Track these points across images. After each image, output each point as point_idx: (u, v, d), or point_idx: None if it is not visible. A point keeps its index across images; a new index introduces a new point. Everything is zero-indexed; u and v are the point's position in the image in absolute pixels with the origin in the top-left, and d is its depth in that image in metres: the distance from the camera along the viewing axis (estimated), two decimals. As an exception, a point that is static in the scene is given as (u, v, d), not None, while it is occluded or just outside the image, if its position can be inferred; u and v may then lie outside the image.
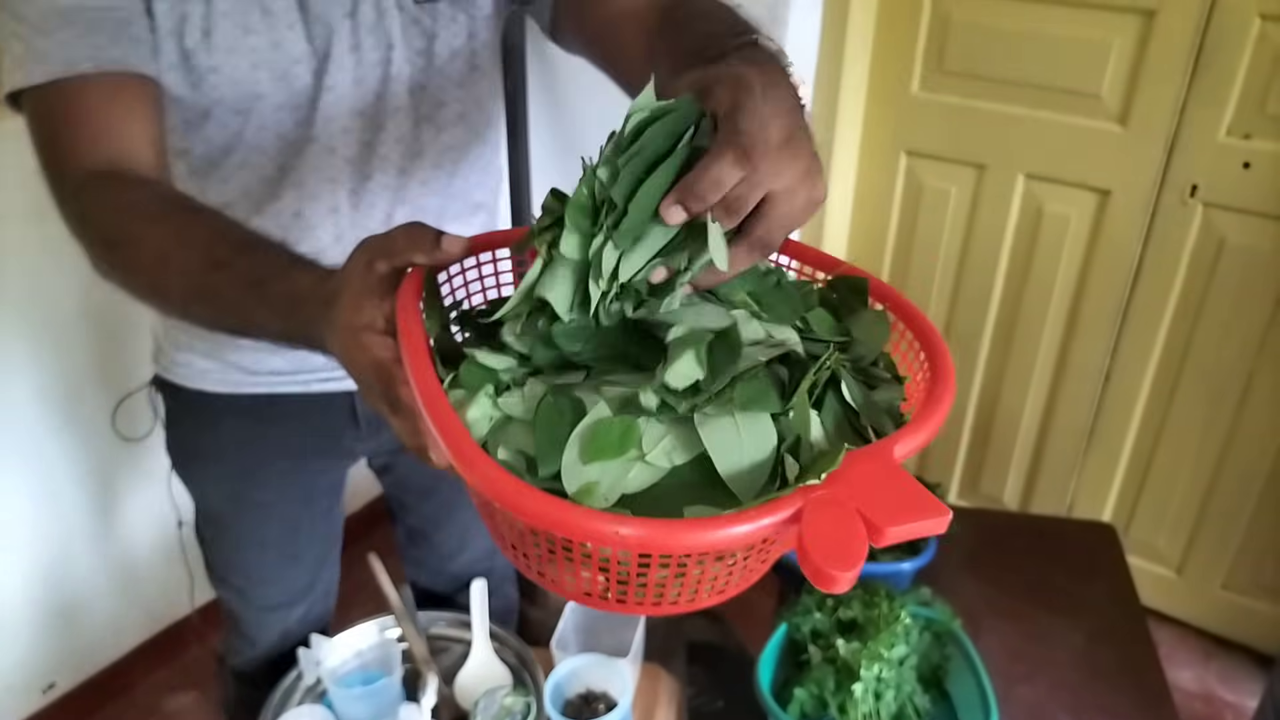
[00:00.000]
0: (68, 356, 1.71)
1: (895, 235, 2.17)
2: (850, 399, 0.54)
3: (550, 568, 0.51)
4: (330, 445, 1.17)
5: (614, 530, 0.44)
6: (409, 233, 0.60)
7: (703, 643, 1.83)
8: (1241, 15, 1.64)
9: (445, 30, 0.94)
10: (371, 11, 0.90)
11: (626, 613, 0.52)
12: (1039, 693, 1.24)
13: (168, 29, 0.83)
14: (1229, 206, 1.77)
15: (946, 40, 1.93)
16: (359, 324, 0.58)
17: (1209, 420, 1.93)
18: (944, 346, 0.58)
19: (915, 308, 0.62)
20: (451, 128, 1.00)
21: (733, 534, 0.44)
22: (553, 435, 0.51)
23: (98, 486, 1.84)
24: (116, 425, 1.76)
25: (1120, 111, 1.81)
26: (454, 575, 1.36)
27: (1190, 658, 2.06)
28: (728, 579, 0.50)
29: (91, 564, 1.86)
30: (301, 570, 1.24)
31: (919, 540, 1.31)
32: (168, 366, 1.11)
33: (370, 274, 0.59)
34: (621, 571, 0.48)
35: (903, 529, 0.43)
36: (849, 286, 0.66)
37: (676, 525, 0.45)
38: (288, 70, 0.88)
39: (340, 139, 0.94)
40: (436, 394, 0.50)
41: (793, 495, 0.45)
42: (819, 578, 0.42)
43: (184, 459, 1.18)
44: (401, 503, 1.35)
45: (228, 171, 0.93)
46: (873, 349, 0.61)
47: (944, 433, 2.38)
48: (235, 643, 1.28)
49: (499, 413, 0.53)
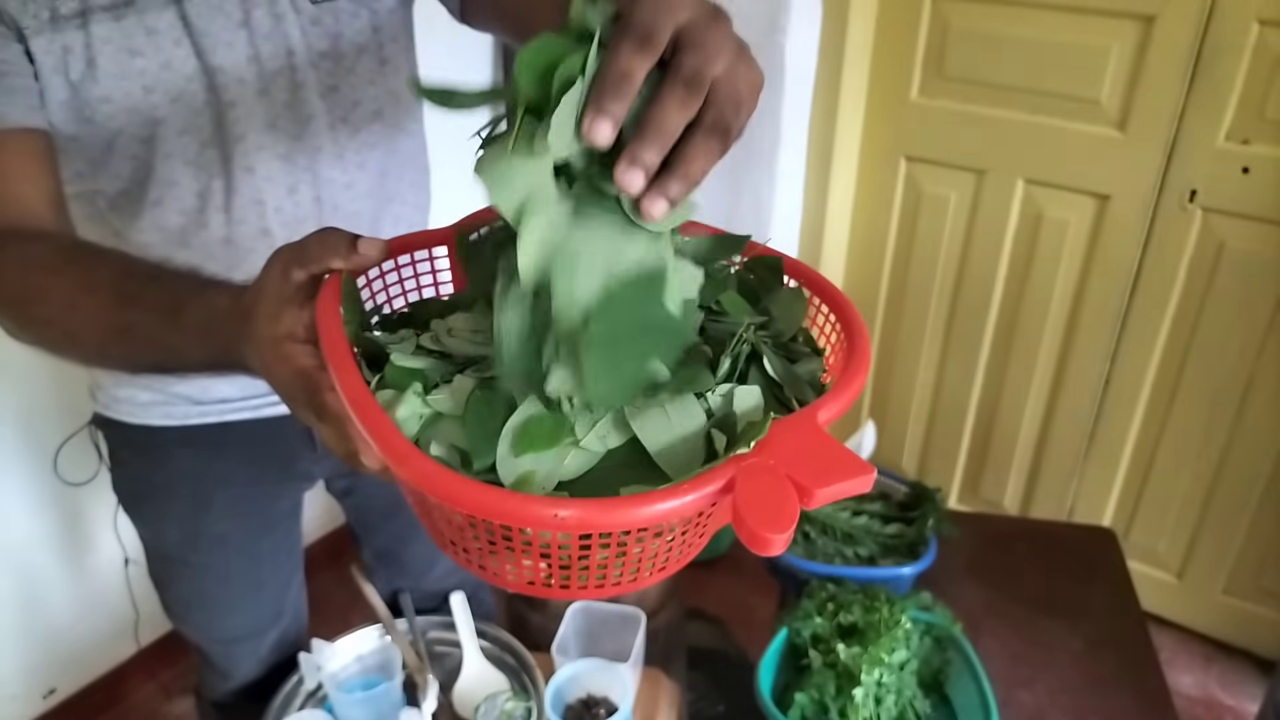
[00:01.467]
0: (3, 399, 1.65)
1: (895, 241, 2.18)
2: (772, 372, 0.55)
3: (492, 560, 0.51)
4: (286, 470, 1.14)
5: (553, 513, 0.44)
6: (323, 238, 0.58)
7: (703, 648, 1.83)
8: (1240, 21, 1.64)
9: (349, 28, 0.90)
10: (266, 18, 0.86)
11: (569, 598, 0.52)
12: (1039, 697, 1.24)
13: (51, 65, 0.80)
14: (1228, 211, 1.77)
15: (946, 46, 1.94)
16: (279, 334, 0.57)
17: (1209, 424, 1.93)
18: (858, 316, 0.60)
19: (828, 281, 0.64)
20: (369, 125, 0.96)
21: (670, 507, 0.45)
22: (485, 428, 0.51)
23: (44, 533, 1.78)
24: (59, 470, 1.70)
25: (1119, 117, 1.81)
26: (429, 592, 1.32)
27: (1191, 663, 2.06)
28: (668, 555, 0.51)
29: (61, 592, 1.83)
30: (266, 598, 1.21)
31: (919, 545, 1.31)
32: (107, 403, 1.06)
33: (287, 283, 0.58)
34: (563, 556, 0.48)
35: (831, 490, 0.45)
36: (765, 266, 0.67)
37: (615, 503, 0.45)
38: (183, 90, 0.85)
39: (256, 156, 0.90)
40: (364, 395, 0.50)
41: (724, 465, 0.46)
42: (754, 541, 0.43)
43: (133, 499, 1.14)
44: (366, 524, 1.31)
45: (145, 207, 0.90)
46: (791, 325, 0.62)
47: (944, 436, 2.38)
48: (208, 677, 1.25)
49: (429, 410, 0.53)
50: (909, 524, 1.36)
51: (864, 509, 1.39)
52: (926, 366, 2.24)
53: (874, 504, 1.40)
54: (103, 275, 0.72)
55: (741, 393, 0.53)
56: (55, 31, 0.79)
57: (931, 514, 1.33)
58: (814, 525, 1.35)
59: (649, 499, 0.45)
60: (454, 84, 0.53)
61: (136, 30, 0.82)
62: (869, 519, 1.37)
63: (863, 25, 1.98)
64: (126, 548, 1.77)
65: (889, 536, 1.35)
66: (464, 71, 2.17)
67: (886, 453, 2.36)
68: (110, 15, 0.81)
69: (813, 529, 1.35)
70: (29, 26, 0.79)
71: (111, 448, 1.12)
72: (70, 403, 1.66)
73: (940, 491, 1.37)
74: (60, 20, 0.79)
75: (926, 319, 2.19)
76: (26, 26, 0.79)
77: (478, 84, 0.51)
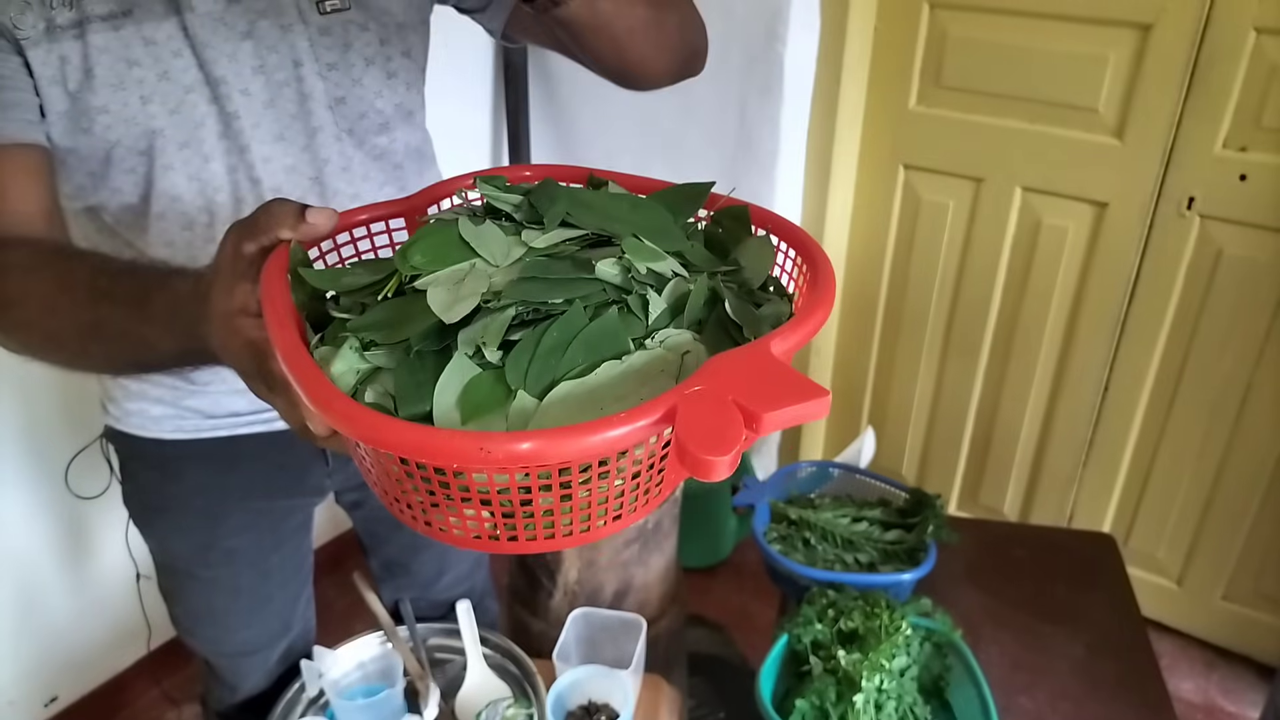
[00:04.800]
0: (13, 413, 1.65)
1: (894, 248, 2.19)
2: (732, 314, 0.56)
3: (436, 515, 0.50)
4: (298, 484, 1.13)
5: (479, 446, 0.43)
6: (269, 208, 0.59)
7: (704, 654, 1.83)
8: (1236, 29, 1.65)
9: (357, 39, 0.90)
10: (273, 29, 0.86)
11: (520, 552, 0.51)
12: (1040, 704, 1.24)
13: (49, 76, 0.80)
14: (1226, 218, 1.78)
15: (943, 56, 1.95)
16: (232, 309, 0.57)
17: (1208, 430, 1.94)
18: (823, 254, 0.60)
19: (793, 225, 0.65)
20: (376, 137, 0.96)
21: (606, 437, 0.44)
22: (415, 377, 0.51)
23: (61, 546, 1.79)
24: (70, 483, 1.71)
25: (1117, 125, 1.82)
26: (435, 601, 1.32)
27: (1191, 669, 2.06)
28: (620, 501, 0.49)
29: (67, 602, 1.84)
30: (275, 612, 1.20)
31: (919, 551, 1.31)
32: (119, 416, 1.06)
33: (239, 258, 0.58)
34: (504, 503, 0.47)
35: (781, 414, 0.44)
36: (731, 216, 0.68)
37: (547, 434, 0.44)
38: (182, 101, 0.85)
39: (263, 168, 0.90)
40: (297, 350, 0.50)
41: (666, 395, 0.45)
42: (697, 467, 0.43)
43: (144, 512, 1.13)
44: (375, 535, 1.30)
45: (149, 221, 0.89)
46: (759, 273, 0.63)
47: (943, 443, 2.39)
48: (215, 689, 1.24)
49: (366, 365, 0.53)
50: (909, 530, 1.36)
51: (864, 515, 1.39)
52: (926, 373, 2.25)
53: (874, 510, 1.40)
54: (77, 274, 0.72)
55: (674, 336, 0.54)
56: (52, 42, 0.80)
57: (931, 520, 1.34)
58: (814, 531, 1.36)
59: (584, 429, 0.44)
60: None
61: (134, 40, 0.82)
62: (869, 525, 1.38)
63: (861, 35, 1.99)
64: (138, 562, 1.77)
65: (889, 543, 1.35)
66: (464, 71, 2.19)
67: (886, 459, 2.36)
68: (108, 25, 0.81)
69: (813, 535, 1.36)
70: (27, 38, 0.79)
71: (122, 461, 1.12)
72: (82, 416, 1.66)
73: (940, 498, 1.38)
74: (57, 30, 0.79)
75: (925, 326, 2.19)
76: (25, 38, 0.79)
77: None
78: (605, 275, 0.57)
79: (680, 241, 0.62)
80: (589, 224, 0.62)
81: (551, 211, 0.63)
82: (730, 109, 2.02)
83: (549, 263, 0.58)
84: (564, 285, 0.55)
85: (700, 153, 2.10)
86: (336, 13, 0.89)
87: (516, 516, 0.48)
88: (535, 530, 0.49)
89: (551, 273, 0.56)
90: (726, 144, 2.06)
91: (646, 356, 0.52)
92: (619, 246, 0.60)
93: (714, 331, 0.55)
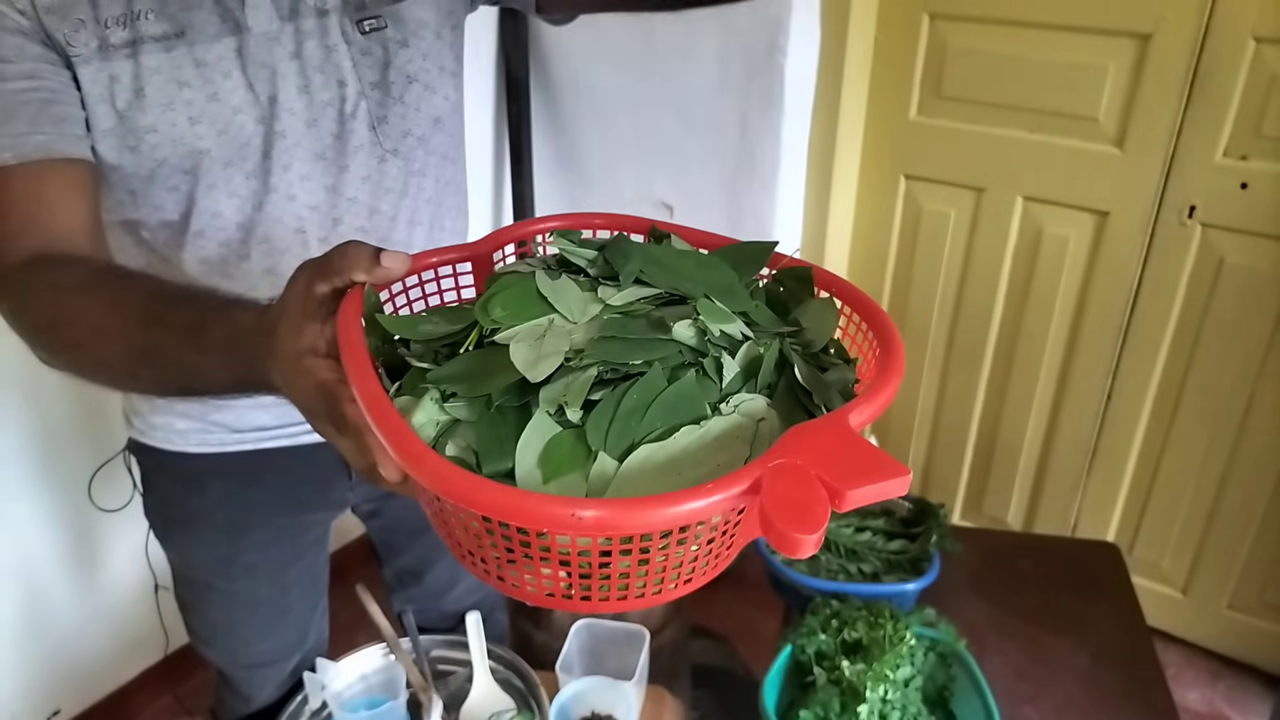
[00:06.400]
0: (39, 423, 1.66)
1: (895, 258, 2.19)
2: (801, 379, 0.55)
3: (511, 570, 0.50)
4: (321, 498, 1.14)
5: (571, 513, 0.43)
6: (345, 251, 0.59)
7: (707, 665, 1.83)
8: (1236, 38, 1.66)
9: (397, 57, 0.91)
10: (318, 49, 0.87)
11: (591, 611, 0.51)
12: (1044, 713, 1.24)
13: (97, 94, 0.80)
14: (1227, 227, 1.78)
15: (944, 66, 1.95)
16: (301, 349, 0.57)
17: (1211, 439, 1.93)
18: (891, 324, 0.59)
19: (859, 290, 0.64)
20: (414, 154, 0.97)
21: (694, 508, 0.44)
22: (496, 432, 0.51)
23: (74, 557, 1.79)
24: (93, 496, 1.71)
25: (1117, 134, 1.82)
26: (446, 612, 1.32)
27: (1197, 678, 2.05)
28: (693, 566, 0.50)
29: (77, 615, 1.84)
30: (292, 624, 1.21)
31: (923, 561, 1.31)
32: (143, 429, 1.06)
33: (310, 298, 0.58)
34: (583, 564, 0.47)
35: (864, 491, 0.44)
36: (794, 277, 0.68)
37: (637, 503, 0.44)
38: (229, 121, 0.85)
39: (300, 186, 0.90)
40: (380, 400, 0.50)
41: (751, 466, 0.45)
42: (784, 543, 0.42)
43: (166, 525, 1.13)
44: (391, 545, 1.30)
45: (187, 238, 0.90)
46: (823, 335, 0.62)
47: (947, 452, 2.38)
48: (228, 700, 1.24)
49: (446, 416, 0.53)
50: (913, 540, 1.36)
51: (868, 525, 1.39)
52: (928, 382, 2.25)
53: (877, 520, 1.40)
54: (131, 297, 0.72)
55: (748, 402, 0.53)
56: (104, 60, 0.80)
57: (935, 530, 1.34)
58: (817, 542, 1.35)
59: (672, 499, 0.44)
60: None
61: (185, 61, 0.82)
62: (873, 535, 1.38)
63: (861, 46, 2.00)
64: (157, 574, 1.78)
65: (893, 553, 1.35)
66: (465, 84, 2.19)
67: (889, 469, 2.35)
68: (160, 46, 0.81)
69: (816, 545, 1.35)
70: (79, 55, 0.79)
71: (145, 473, 1.12)
72: (106, 428, 1.67)
73: (943, 507, 1.38)
74: (109, 49, 0.80)
75: (928, 335, 2.19)
76: (77, 55, 0.79)
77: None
78: (682, 337, 0.56)
79: (745, 301, 0.62)
80: (662, 283, 0.62)
81: (626, 269, 0.62)
82: (731, 120, 2.02)
83: (626, 321, 0.58)
84: (643, 346, 0.55)
85: (702, 164, 2.11)
86: (376, 32, 0.89)
87: (593, 578, 0.48)
88: (609, 591, 0.49)
89: (629, 332, 0.56)
90: (728, 155, 2.06)
91: (724, 423, 0.52)
92: (689, 305, 0.60)
93: (785, 398, 0.55)
